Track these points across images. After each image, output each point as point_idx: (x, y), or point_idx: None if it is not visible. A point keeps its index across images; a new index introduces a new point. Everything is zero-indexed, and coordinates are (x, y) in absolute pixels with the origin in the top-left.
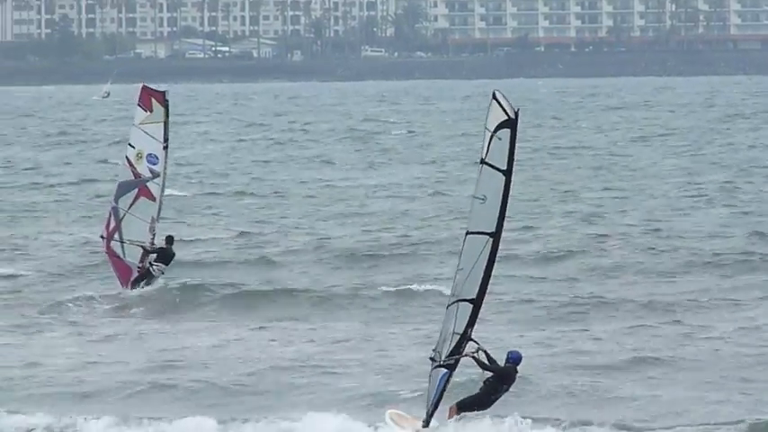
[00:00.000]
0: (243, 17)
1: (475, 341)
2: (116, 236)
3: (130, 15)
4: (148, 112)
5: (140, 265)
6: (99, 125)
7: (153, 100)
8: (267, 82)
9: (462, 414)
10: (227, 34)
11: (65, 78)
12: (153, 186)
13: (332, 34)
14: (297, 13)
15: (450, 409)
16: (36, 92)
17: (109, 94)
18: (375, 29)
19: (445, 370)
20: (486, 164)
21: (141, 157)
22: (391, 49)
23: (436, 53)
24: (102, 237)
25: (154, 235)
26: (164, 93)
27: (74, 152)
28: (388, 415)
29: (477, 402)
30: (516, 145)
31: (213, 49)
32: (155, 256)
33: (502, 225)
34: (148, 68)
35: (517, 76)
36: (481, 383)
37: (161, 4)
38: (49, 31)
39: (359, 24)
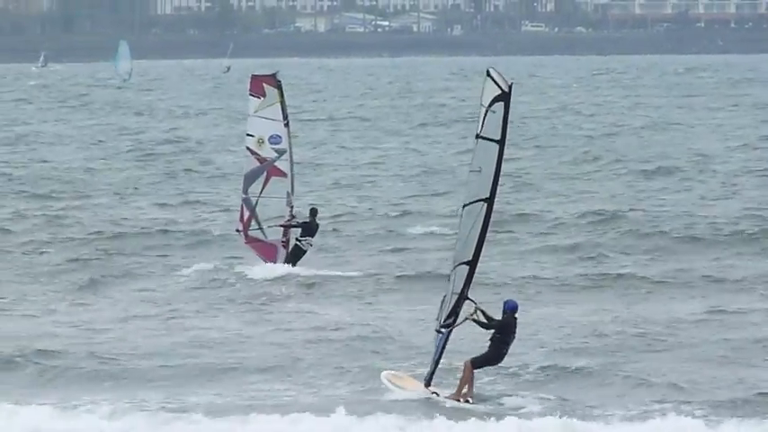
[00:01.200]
0: None
1: (472, 300)
2: (253, 224)
3: None
4: (262, 98)
5: (284, 240)
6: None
7: (264, 85)
8: (426, 56)
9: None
10: (388, 8)
11: (224, 52)
12: (282, 164)
13: (492, 9)
14: None
15: (465, 365)
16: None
17: (229, 69)
18: (535, 3)
19: (444, 329)
20: (482, 137)
21: (263, 142)
22: (551, 24)
23: (596, 28)
24: (237, 231)
25: (292, 208)
26: (274, 75)
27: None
28: (384, 376)
29: (489, 359)
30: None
31: (373, 23)
32: (300, 230)
33: (495, 190)
34: (308, 42)
35: (677, 52)
36: (488, 341)
37: None
38: (209, 4)
39: None
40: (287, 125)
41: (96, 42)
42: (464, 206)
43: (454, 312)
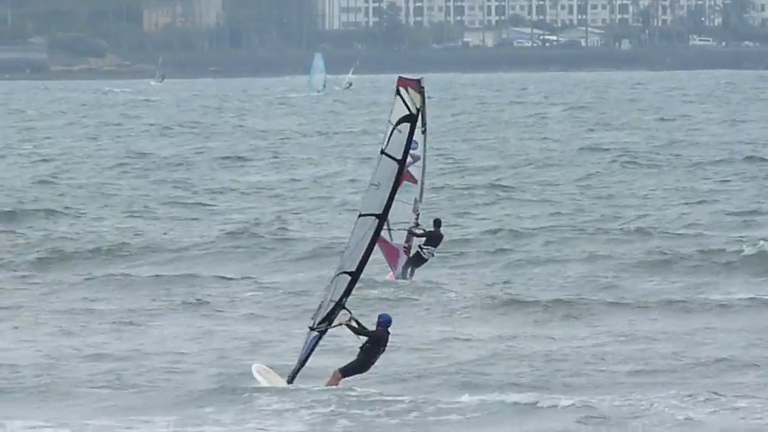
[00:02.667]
0: (571, 6)
1: (348, 310)
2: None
3: (458, 4)
4: None
5: (406, 245)
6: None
7: (409, 89)
8: (594, 71)
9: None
10: (555, 23)
11: (392, 67)
12: (414, 170)
13: (660, 23)
14: (625, 1)
15: (334, 374)
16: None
17: (351, 85)
18: (703, 18)
19: (317, 333)
20: (386, 154)
21: None
22: (719, 39)
23: (764, 42)
24: None
25: (417, 215)
26: (419, 80)
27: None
28: (255, 369)
29: (357, 367)
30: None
31: (541, 38)
32: (424, 239)
33: (389, 208)
34: (475, 57)
35: None
36: (358, 350)
37: None
38: (376, 19)
39: (687, 13)
40: (424, 132)
41: (263, 57)
42: (359, 216)
43: (328, 318)
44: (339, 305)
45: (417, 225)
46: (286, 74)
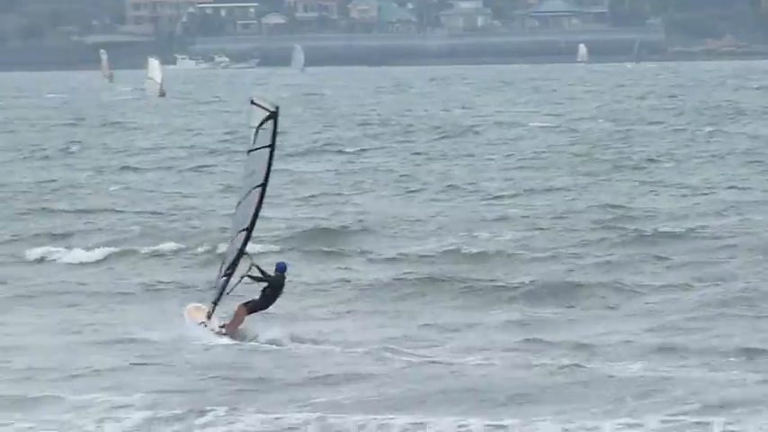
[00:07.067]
0: None
1: (249, 255)
2: None
3: None
4: None
5: None
6: None
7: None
8: None
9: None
10: None
11: None
12: None
13: None
14: None
15: (239, 306)
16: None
17: None
18: None
19: (225, 277)
20: (254, 150)
21: None
22: None
23: None
24: None
25: None
26: None
27: None
28: (186, 310)
29: (259, 306)
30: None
31: None
32: None
33: (268, 176)
34: None
35: None
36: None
37: None
38: None
39: None
40: None
41: None
42: (238, 204)
43: (234, 265)
44: (241, 252)
45: None
46: None
